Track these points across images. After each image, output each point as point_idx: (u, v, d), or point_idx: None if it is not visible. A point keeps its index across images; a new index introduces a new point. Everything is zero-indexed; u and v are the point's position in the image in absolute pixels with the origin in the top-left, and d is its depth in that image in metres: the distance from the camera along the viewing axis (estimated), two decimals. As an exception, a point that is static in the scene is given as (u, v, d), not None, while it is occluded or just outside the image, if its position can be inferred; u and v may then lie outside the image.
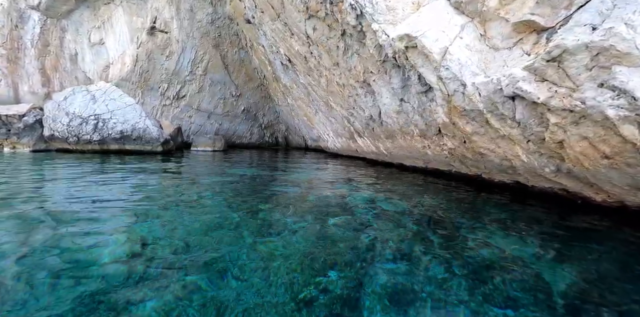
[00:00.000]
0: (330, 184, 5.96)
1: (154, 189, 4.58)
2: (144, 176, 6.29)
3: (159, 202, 3.83)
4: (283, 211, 3.68)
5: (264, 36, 12.45)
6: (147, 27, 17.48)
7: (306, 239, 2.80)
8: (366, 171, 8.10)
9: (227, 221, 3.19)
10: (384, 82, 6.05)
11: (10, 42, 16.95)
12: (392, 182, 6.25)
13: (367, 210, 3.94)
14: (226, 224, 3.12)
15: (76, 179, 5.47)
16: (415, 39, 4.15)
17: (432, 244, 2.83)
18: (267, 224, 3.16)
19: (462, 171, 6.23)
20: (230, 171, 7.55)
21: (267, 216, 3.43)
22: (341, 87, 7.94)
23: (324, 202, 4.27)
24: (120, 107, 11.02)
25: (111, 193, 4.31)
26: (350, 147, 12.10)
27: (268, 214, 3.50)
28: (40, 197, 4.13)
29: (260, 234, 2.88)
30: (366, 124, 8.32)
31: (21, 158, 9.06)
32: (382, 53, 5.49)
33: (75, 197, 4.05)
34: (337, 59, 7.02)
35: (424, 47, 4.11)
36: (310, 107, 12.91)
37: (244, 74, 21.44)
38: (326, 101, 10.01)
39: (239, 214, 3.45)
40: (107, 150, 10.77)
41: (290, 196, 4.56)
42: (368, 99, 7.11)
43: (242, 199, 4.23)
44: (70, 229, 2.91)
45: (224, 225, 3.08)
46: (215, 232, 2.90)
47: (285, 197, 4.51)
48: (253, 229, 3.00)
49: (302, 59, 9.11)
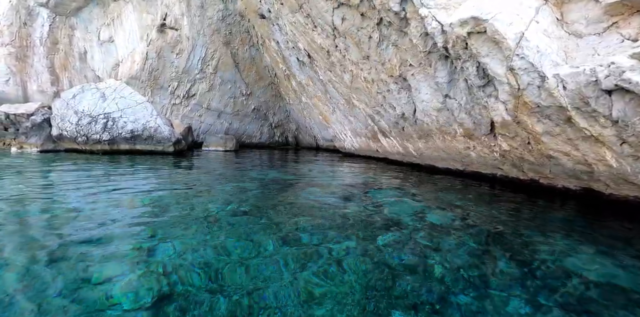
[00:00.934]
0: (360, 189, 5.37)
1: (171, 200, 4.01)
2: (158, 182, 5.76)
3: (178, 218, 3.26)
4: (320, 229, 3.09)
5: (279, 31, 11.88)
6: (157, 24, 17.04)
7: (358, 270, 2.22)
8: (394, 174, 7.49)
9: (260, 246, 2.60)
10: (426, 76, 5.43)
11: (18, 40, 16.64)
12: (428, 188, 5.64)
13: (414, 224, 3.36)
14: (259, 250, 2.53)
15: (84, 186, 4.95)
16: (484, 23, 3.53)
17: (506, 269, 2.29)
18: (307, 250, 2.56)
19: (511, 175, 5.59)
20: (249, 174, 6.99)
21: (303, 238, 2.83)
22: (369, 83, 7.33)
23: (363, 214, 3.68)
24: (131, 106, 10.53)
25: (123, 204, 3.77)
26: (370, 148, 11.49)
27: (304, 235, 2.90)
28: (44, 208, 3.60)
29: (300, 265, 2.29)
30: (395, 123, 7.70)
31: (28, 159, 8.61)
32: (427, 43, 4.87)
33: (83, 211, 3.50)
34: (367, 51, 6.41)
35: (495, 31, 3.48)
36: (328, 106, 12.32)
37: (255, 73, 20.92)
38: (348, 99, 9.41)
39: (270, 236, 2.85)
40: (117, 150, 10.29)
41: (323, 208, 3.98)
42: (402, 95, 6.49)
43: (269, 213, 3.66)
44: (77, 252, 2.36)
45: (258, 251, 2.50)
46: (249, 261, 2.32)
47: (317, 209, 3.92)
48: (291, 257, 2.40)
49: (323, 54, 8.52)
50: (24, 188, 4.53)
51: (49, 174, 5.99)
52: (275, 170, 8.01)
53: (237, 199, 4.15)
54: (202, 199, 4.12)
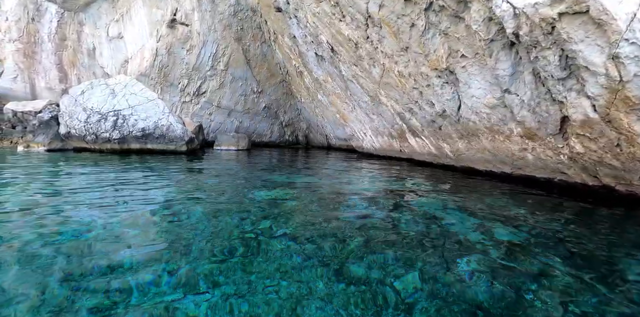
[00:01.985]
0: (400, 197, 4.73)
1: (194, 216, 3.34)
2: (175, 188, 5.18)
3: (205, 242, 2.59)
4: (373, 253, 2.45)
5: (297, 25, 11.25)
6: (167, 20, 16.52)
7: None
8: (427, 176, 6.83)
9: (309, 284, 1.96)
10: (481, 69, 4.77)
11: (26, 36, 16.24)
12: (475, 194, 4.98)
13: (484, 242, 2.76)
14: (310, 288, 1.90)
15: (95, 197, 4.39)
16: (587, 1, 2.86)
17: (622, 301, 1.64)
18: (366, 291, 1.91)
19: (574, 180, 4.91)
20: (273, 178, 6.39)
21: (358, 270, 2.17)
22: (403, 77, 6.68)
23: (417, 231, 3.05)
24: (142, 103, 9.99)
25: (139, 221, 3.14)
26: (393, 148, 10.83)
27: (358, 266, 2.24)
28: (50, 227, 3.03)
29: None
30: (430, 122, 7.04)
31: (34, 159, 8.10)
32: (491, 29, 4.21)
33: (94, 229, 2.92)
34: (407, 42, 5.75)
35: (602, 11, 2.81)
36: (347, 103, 11.67)
37: (266, 70, 20.33)
38: (374, 95, 8.76)
39: (319, 269, 2.19)
40: (128, 149, 9.77)
41: (369, 223, 3.35)
42: (445, 90, 5.83)
43: (311, 233, 3.04)
44: (88, 287, 1.76)
45: (308, 290, 1.87)
46: (305, 309, 1.69)
47: (362, 224, 3.29)
48: (354, 304, 1.77)
49: (350, 47, 7.87)
50: (27, 198, 3.97)
51: (56, 179, 5.43)
52: (299, 173, 7.40)
53: (271, 214, 3.51)
54: (232, 214, 3.48)
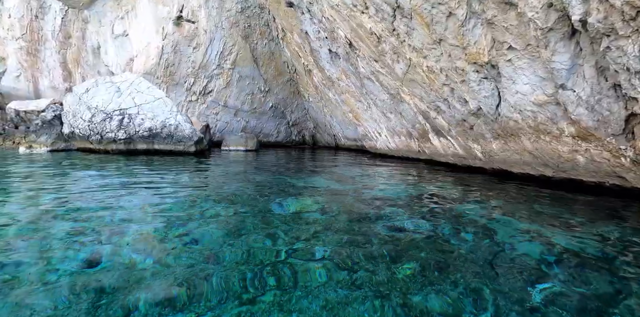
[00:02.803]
0: (436, 204, 4.22)
1: (216, 239, 2.66)
2: (189, 199, 4.72)
3: (233, 284, 1.92)
4: (435, 283, 1.95)
5: (309, 20, 10.76)
6: (173, 17, 16.11)
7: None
8: (456, 180, 6.31)
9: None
10: (532, 62, 4.25)
11: (29, 34, 15.87)
12: (517, 200, 4.47)
13: (548, 256, 2.35)
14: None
15: (98, 217, 3.93)
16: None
17: None
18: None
19: (632, 185, 4.39)
20: (294, 183, 5.90)
21: (431, 310, 1.68)
22: (433, 73, 6.16)
23: (474, 248, 2.56)
24: (149, 101, 9.55)
25: (152, 246, 2.56)
26: (411, 148, 10.31)
27: (427, 304, 1.74)
28: (48, 255, 2.56)
29: None
30: (460, 121, 6.52)
31: (35, 161, 7.67)
32: (550, 17, 3.70)
33: (102, 266, 2.45)
34: (442, 34, 5.24)
35: None
36: (362, 102, 11.16)
37: (273, 68, 19.87)
38: (395, 93, 8.25)
39: (381, 313, 1.70)
40: (134, 150, 9.33)
41: (418, 237, 2.85)
42: (483, 86, 5.31)
43: (359, 258, 2.54)
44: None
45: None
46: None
47: (412, 239, 2.80)
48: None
49: (372, 41, 7.37)
50: (23, 214, 3.51)
51: (57, 187, 4.96)
52: (316, 176, 6.91)
53: (302, 231, 2.94)
54: (257, 231, 2.91)
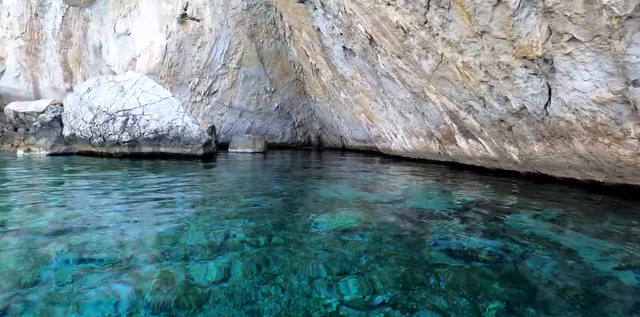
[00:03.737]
0: (489, 216, 3.66)
1: (242, 286, 1.94)
2: (201, 218, 4.15)
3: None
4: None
5: (323, 16, 10.22)
6: (177, 15, 15.59)
7: None
8: (492, 185, 5.74)
9: None
10: (598, 55, 3.69)
11: (29, 33, 15.38)
12: (576, 208, 3.91)
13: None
14: None
15: (103, 234, 3.38)
16: None
17: None
18: None
19: None
20: (313, 191, 5.34)
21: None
22: (469, 69, 5.60)
23: (566, 273, 2.01)
24: (154, 101, 9.01)
25: (167, 301, 2.06)
26: (430, 150, 9.74)
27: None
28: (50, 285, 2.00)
29: None
30: (497, 121, 5.96)
31: (32, 165, 7.13)
32: (629, 3, 3.15)
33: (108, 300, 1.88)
34: (486, 25, 4.68)
35: None
36: (377, 101, 10.61)
37: (279, 68, 19.34)
38: (419, 91, 7.69)
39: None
40: (139, 153, 8.78)
41: (493, 273, 2.30)
42: (531, 83, 4.75)
43: (427, 303, 1.99)
44: None
45: None
46: None
47: (488, 275, 2.25)
48: None
49: (397, 35, 6.82)
50: (14, 244, 2.96)
51: (54, 198, 4.38)
52: (338, 182, 6.35)
53: (348, 263, 2.29)
54: (293, 264, 2.26)
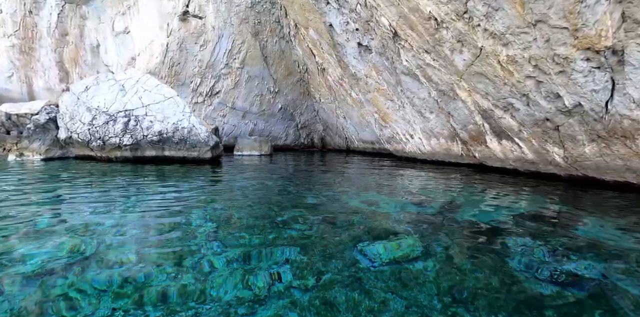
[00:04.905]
0: (574, 232, 3.08)
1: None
2: (231, 252, 3.50)
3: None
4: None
5: (337, 10, 9.68)
6: (179, 12, 14.99)
7: None
8: (534, 189, 5.17)
9: None
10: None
11: (23, 31, 14.69)
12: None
13: None
14: None
15: (108, 272, 2.73)
16: None
17: None
18: None
19: None
20: (346, 203, 4.75)
21: None
22: (514, 63, 5.05)
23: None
24: (158, 101, 8.38)
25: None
26: (451, 152, 9.20)
27: None
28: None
29: None
30: (542, 120, 5.41)
31: (24, 172, 6.47)
32: None
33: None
34: (544, 13, 4.14)
35: None
36: (394, 101, 10.05)
37: (283, 68, 18.77)
38: (447, 89, 7.13)
39: None
40: (141, 157, 8.14)
41: (615, 304, 1.70)
42: (594, 78, 4.20)
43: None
44: None
45: None
46: None
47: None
48: None
49: (427, 28, 6.27)
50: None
51: (47, 220, 3.71)
52: (369, 191, 5.76)
53: (427, 311, 1.83)
54: (361, 309, 1.75)
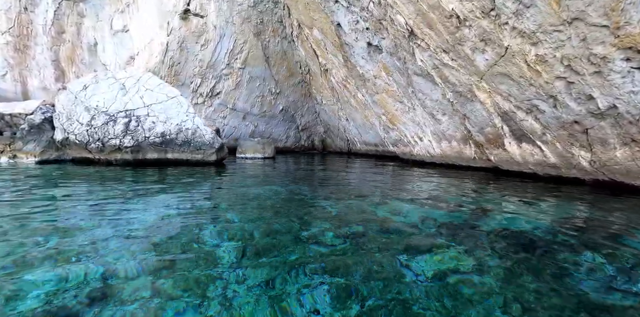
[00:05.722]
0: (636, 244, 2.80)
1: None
2: (258, 276, 3.13)
3: None
4: None
5: (346, 9, 9.41)
6: (179, 11, 14.65)
7: None
8: (566, 195, 4.91)
9: None
10: None
11: (17, 28, 14.23)
12: None
13: None
14: None
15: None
16: None
17: None
18: None
19: None
20: (373, 213, 4.44)
21: None
22: (543, 63, 4.80)
23: None
24: (161, 101, 8.02)
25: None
26: (463, 155, 8.95)
27: None
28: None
29: None
30: (570, 123, 5.16)
31: (16, 176, 6.07)
32: None
33: None
34: (582, 10, 3.90)
35: None
36: (404, 102, 9.79)
37: (285, 68, 18.49)
38: (465, 90, 6.88)
39: None
40: (143, 160, 7.76)
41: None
42: (633, 78, 3.96)
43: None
44: None
45: None
46: None
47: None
48: None
49: (447, 26, 6.01)
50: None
51: (38, 238, 3.27)
52: (388, 196, 5.46)
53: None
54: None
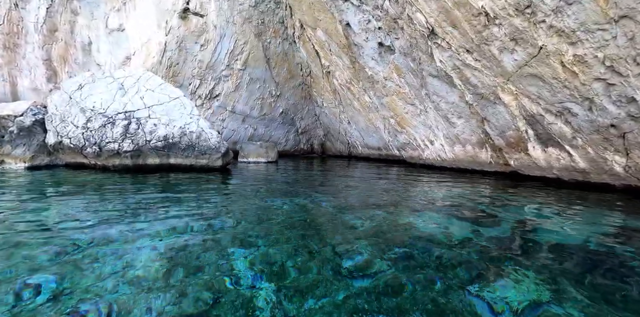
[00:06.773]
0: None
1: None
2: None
3: None
4: None
5: (357, 8, 9.09)
6: (179, 9, 14.20)
7: None
8: (609, 203, 4.59)
9: None
10: None
11: (7, 25, 13.59)
12: None
13: None
14: None
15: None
16: None
17: None
18: None
19: None
20: (417, 228, 4.05)
21: None
22: (581, 63, 4.51)
23: None
24: (163, 102, 7.53)
25: None
26: (477, 159, 8.65)
27: None
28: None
29: None
30: (605, 126, 4.87)
31: (3, 185, 5.54)
32: None
33: None
34: (633, 7, 3.61)
35: None
36: (415, 105, 9.47)
37: (286, 70, 18.11)
38: (488, 92, 6.57)
39: None
40: (143, 166, 7.25)
41: None
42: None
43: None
44: None
45: None
46: None
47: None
48: None
49: (474, 25, 5.70)
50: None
51: (36, 281, 2.64)
52: (414, 206, 5.07)
53: None
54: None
